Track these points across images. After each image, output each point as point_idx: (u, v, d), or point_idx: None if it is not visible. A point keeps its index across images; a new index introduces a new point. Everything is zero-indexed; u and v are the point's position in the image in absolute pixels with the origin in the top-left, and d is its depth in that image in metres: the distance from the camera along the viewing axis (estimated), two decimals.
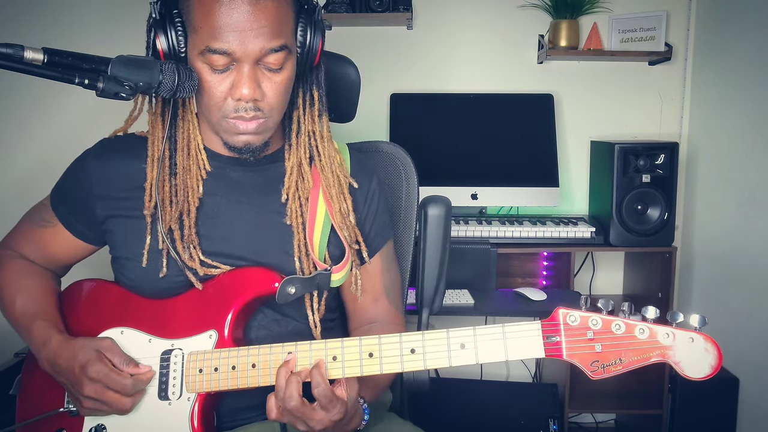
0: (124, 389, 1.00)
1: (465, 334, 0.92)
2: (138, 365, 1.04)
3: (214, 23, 0.97)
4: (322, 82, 1.15)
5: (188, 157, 1.12)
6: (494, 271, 2.22)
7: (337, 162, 1.17)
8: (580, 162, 2.60)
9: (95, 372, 1.00)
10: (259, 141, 1.07)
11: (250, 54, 0.98)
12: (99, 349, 1.02)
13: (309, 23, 1.06)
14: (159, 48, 1.01)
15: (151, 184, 1.09)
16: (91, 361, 1.01)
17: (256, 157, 1.10)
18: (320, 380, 0.93)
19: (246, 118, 1.03)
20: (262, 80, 1.01)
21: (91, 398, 1.01)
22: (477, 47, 2.58)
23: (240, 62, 0.99)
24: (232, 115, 1.03)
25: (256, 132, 1.05)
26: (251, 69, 1.00)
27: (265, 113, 1.04)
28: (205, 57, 0.99)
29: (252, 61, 0.99)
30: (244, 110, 1.02)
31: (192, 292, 1.09)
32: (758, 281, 2.11)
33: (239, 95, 1.00)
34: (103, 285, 1.16)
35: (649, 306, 0.86)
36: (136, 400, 1.03)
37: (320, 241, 1.13)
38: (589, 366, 0.87)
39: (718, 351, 0.84)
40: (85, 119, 2.44)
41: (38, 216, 1.20)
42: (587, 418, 2.67)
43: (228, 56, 0.98)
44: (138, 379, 1.02)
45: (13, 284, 1.16)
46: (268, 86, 1.02)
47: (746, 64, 2.22)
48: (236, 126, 1.04)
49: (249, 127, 1.04)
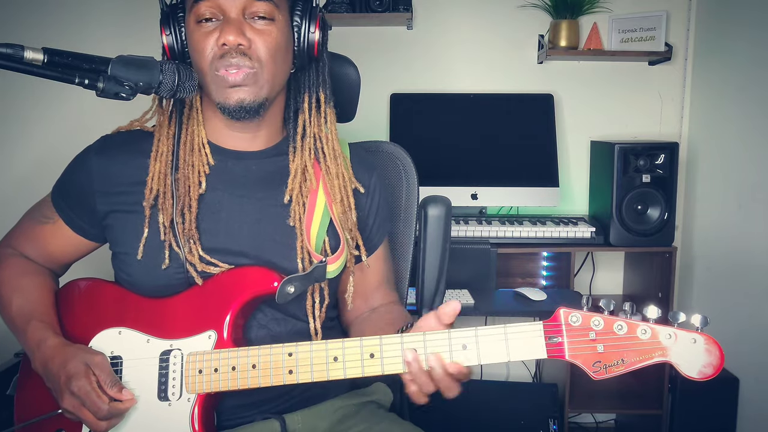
0: (97, 413, 0.99)
1: (467, 335, 0.92)
2: (122, 390, 1.01)
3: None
4: (328, 80, 1.16)
5: (191, 153, 1.12)
6: (494, 271, 2.22)
7: (344, 165, 1.18)
8: (580, 162, 2.60)
9: (77, 387, 0.99)
10: (250, 96, 1.06)
11: (235, 2, 1.02)
12: (89, 364, 1.01)
13: (305, 8, 1.10)
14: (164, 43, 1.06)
15: (152, 177, 1.10)
16: (77, 375, 0.99)
17: (251, 118, 1.09)
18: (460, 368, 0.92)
19: (233, 66, 1.03)
20: (248, 30, 1.04)
21: (68, 411, 1.01)
22: (477, 47, 2.58)
23: (226, 12, 1.03)
24: (218, 63, 1.04)
25: (244, 83, 1.04)
26: (237, 17, 1.03)
27: (253, 62, 1.04)
28: (193, 12, 1.03)
29: (238, 11, 1.03)
30: (231, 57, 1.03)
31: (190, 291, 1.08)
32: (758, 281, 2.11)
33: (224, 40, 1.02)
34: (101, 284, 1.16)
35: (650, 305, 0.86)
36: (112, 424, 1.01)
37: (318, 232, 1.13)
38: (592, 366, 0.87)
39: (720, 352, 0.84)
40: (84, 119, 2.44)
41: (39, 213, 1.19)
42: (587, 418, 2.67)
43: (214, 4, 1.02)
44: (114, 407, 1.00)
45: (10, 283, 1.16)
46: (256, 36, 1.04)
47: (746, 64, 2.22)
48: (225, 78, 1.04)
49: (237, 77, 1.04)
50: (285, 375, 0.98)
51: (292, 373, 0.97)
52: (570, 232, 2.25)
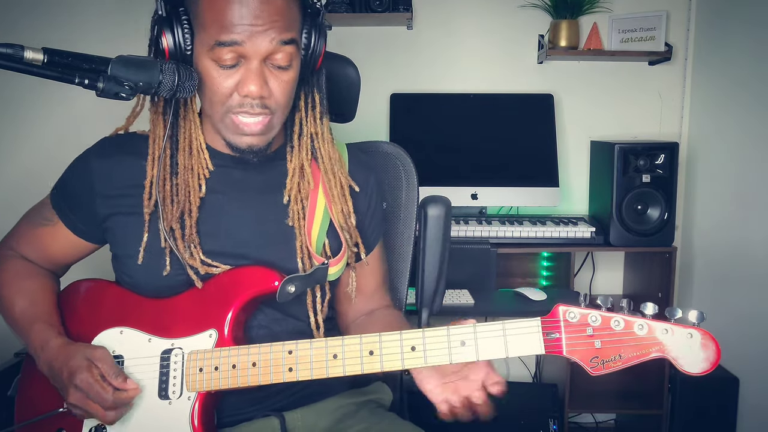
0: (103, 403, 0.99)
1: (465, 331, 0.93)
2: (126, 380, 1.02)
3: (225, 18, 0.97)
4: (323, 85, 1.16)
5: (190, 156, 1.12)
6: (494, 271, 2.22)
7: (339, 164, 1.18)
8: (580, 162, 2.60)
9: (80, 381, 0.99)
10: (263, 142, 1.07)
11: (260, 48, 0.99)
12: (90, 358, 1.02)
13: (313, 26, 1.07)
14: (164, 45, 1.01)
15: (151, 182, 1.09)
16: (80, 369, 1.00)
17: (259, 158, 1.10)
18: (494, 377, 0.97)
19: (252, 113, 1.03)
20: (269, 78, 1.02)
21: (75, 406, 1.01)
22: (477, 47, 2.58)
23: (248, 59, 1.00)
24: (236, 109, 1.03)
25: (261, 133, 1.05)
26: (259, 66, 1.00)
27: (271, 110, 1.04)
28: (213, 52, 0.99)
29: (260, 58, 1.00)
30: (250, 106, 1.02)
31: (192, 291, 1.09)
32: (758, 281, 2.11)
33: (246, 91, 1.00)
34: (102, 285, 1.16)
35: (647, 302, 0.87)
36: (120, 413, 1.02)
37: (319, 234, 1.14)
38: (589, 362, 0.87)
39: (717, 346, 0.85)
40: (84, 120, 2.43)
41: (38, 215, 1.19)
42: (587, 418, 2.67)
43: (236, 51, 0.99)
44: (119, 396, 1.00)
45: (12, 285, 1.16)
46: (275, 84, 1.03)
47: (746, 64, 2.22)
48: (241, 126, 1.04)
49: (254, 129, 1.04)
50: (285, 372, 0.98)
51: (292, 370, 0.98)
52: (570, 232, 2.26)
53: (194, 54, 1.03)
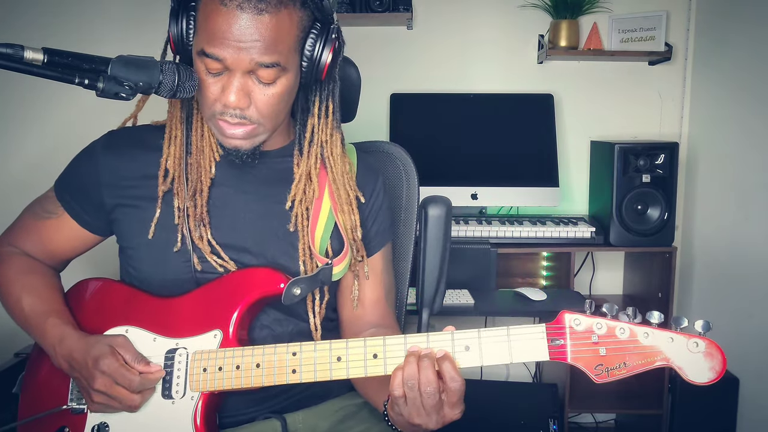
0: (131, 385, 1.01)
1: (469, 336, 0.92)
2: (149, 364, 1.04)
3: (211, 29, 0.97)
4: (337, 96, 1.15)
5: (202, 138, 1.13)
6: (494, 271, 2.22)
7: (348, 176, 1.17)
8: (580, 162, 2.60)
9: (106, 366, 1.00)
10: (248, 146, 1.07)
11: (240, 65, 0.98)
12: (112, 345, 1.03)
13: (319, 39, 1.04)
14: (170, 34, 1.03)
15: (167, 159, 1.11)
16: (103, 355, 1.01)
17: (243, 161, 1.09)
18: (455, 374, 0.91)
19: (231, 123, 1.03)
20: (252, 90, 1.01)
21: (101, 392, 1.01)
22: (477, 47, 2.58)
23: (232, 70, 0.99)
24: (218, 116, 1.03)
25: (243, 137, 1.05)
26: (241, 78, 1.00)
27: (252, 120, 1.03)
28: (201, 58, 1.00)
29: (242, 71, 0.99)
30: (230, 115, 1.02)
31: (197, 291, 1.09)
32: (758, 281, 2.11)
33: (225, 101, 1.01)
34: (109, 284, 1.16)
35: (653, 311, 0.86)
36: (145, 397, 1.03)
37: (323, 236, 1.14)
38: (594, 369, 0.87)
39: (722, 356, 0.84)
40: (84, 119, 2.42)
41: (40, 208, 1.19)
42: (587, 418, 2.67)
43: (220, 62, 0.99)
44: (146, 378, 1.02)
45: (17, 282, 1.16)
46: (259, 97, 1.02)
47: (746, 64, 2.22)
48: (223, 129, 1.04)
49: (235, 132, 1.04)
50: (288, 374, 0.98)
51: (296, 372, 0.98)
52: (570, 232, 2.25)
53: (192, 51, 1.03)
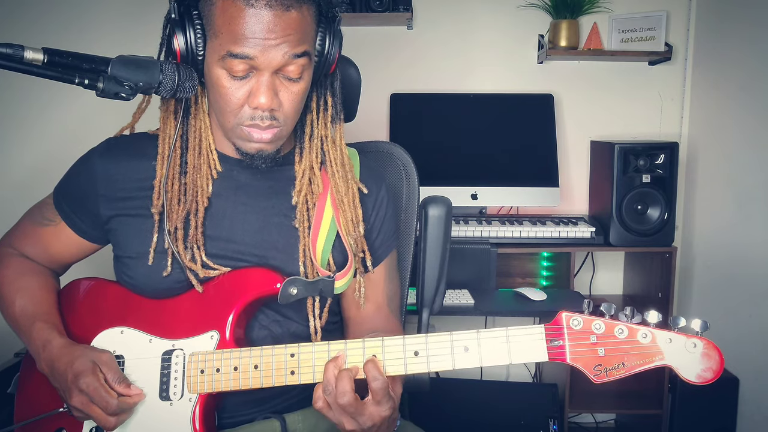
0: (107, 408, 0.99)
1: (468, 337, 0.92)
2: (129, 386, 1.02)
3: (239, 30, 0.96)
4: (337, 89, 1.15)
5: (199, 156, 1.11)
6: (494, 271, 2.22)
7: (349, 168, 1.17)
8: (580, 162, 2.60)
9: (85, 384, 0.99)
10: (272, 149, 1.07)
11: (272, 62, 0.97)
12: (96, 362, 1.01)
13: (328, 32, 1.05)
14: (176, 48, 1.00)
15: (160, 181, 1.09)
16: (85, 372, 1.00)
17: (267, 164, 1.09)
18: (377, 374, 0.92)
19: (261, 127, 1.02)
20: (279, 89, 1.01)
21: (77, 409, 1.01)
22: (477, 47, 2.58)
23: (259, 70, 0.99)
24: (247, 122, 1.02)
25: (270, 141, 1.05)
26: (270, 78, 0.99)
27: (280, 122, 1.03)
28: (224, 62, 0.98)
29: (272, 70, 0.99)
30: (260, 118, 1.01)
31: (193, 292, 1.08)
32: (758, 281, 2.11)
33: (257, 103, 0.99)
34: (103, 284, 1.16)
35: (651, 310, 0.87)
36: (121, 419, 1.01)
37: (324, 247, 1.13)
38: (592, 370, 0.87)
39: (720, 356, 0.84)
40: (84, 120, 2.43)
41: (39, 214, 1.19)
42: (587, 418, 2.67)
43: (248, 63, 0.97)
44: (123, 402, 1.00)
45: (13, 283, 1.16)
46: (285, 96, 1.02)
47: (746, 64, 2.22)
48: (250, 134, 1.03)
49: (264, 137, 1.03)
50: (287, 376, 0.98)
51: (294, 373, 0.98)
52: (570, 232, 2.25)
53: (206, 60, 1.01)
